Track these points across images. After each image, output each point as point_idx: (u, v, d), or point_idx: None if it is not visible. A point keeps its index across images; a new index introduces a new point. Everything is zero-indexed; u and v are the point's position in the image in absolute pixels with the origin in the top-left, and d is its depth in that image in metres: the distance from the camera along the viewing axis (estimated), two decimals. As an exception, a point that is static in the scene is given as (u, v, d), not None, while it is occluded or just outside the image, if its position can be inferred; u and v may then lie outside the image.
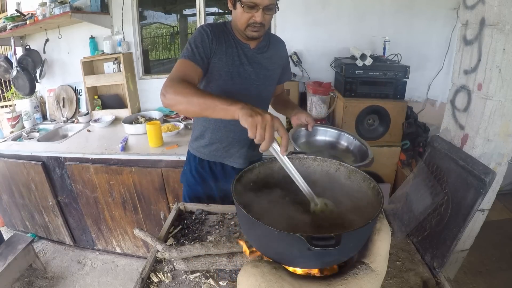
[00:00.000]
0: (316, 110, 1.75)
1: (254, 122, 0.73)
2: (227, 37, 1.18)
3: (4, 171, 2.20)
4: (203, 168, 1.38)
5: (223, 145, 1.33)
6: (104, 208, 2.14)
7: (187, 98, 0.88)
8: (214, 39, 1.13)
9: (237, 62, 1.19)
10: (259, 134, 0.73)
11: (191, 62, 1.06)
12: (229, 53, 1.17)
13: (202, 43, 1.10)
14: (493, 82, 1.02)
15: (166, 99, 0.93)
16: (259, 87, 1.28)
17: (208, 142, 1.34)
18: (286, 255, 0.68)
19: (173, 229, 1.10)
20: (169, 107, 0.95)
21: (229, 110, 0.80)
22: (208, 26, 1.15)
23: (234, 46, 1.19)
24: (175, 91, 0.91)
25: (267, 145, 0.74)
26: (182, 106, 0.91)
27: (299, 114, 1.30)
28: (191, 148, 1.41)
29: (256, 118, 0.74)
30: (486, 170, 0.92)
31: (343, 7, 2.30)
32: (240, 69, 1.20)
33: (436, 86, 2.39)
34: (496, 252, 2.07)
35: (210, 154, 1.36)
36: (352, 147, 1.25)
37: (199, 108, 0.86)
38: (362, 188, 0.83)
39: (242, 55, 1.20)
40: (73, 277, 2.19)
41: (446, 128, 1.27)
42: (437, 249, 0.95)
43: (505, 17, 0.96)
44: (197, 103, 0.86)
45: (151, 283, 0.87)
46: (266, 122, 0.73)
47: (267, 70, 1.27)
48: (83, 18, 2.29)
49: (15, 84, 2.54)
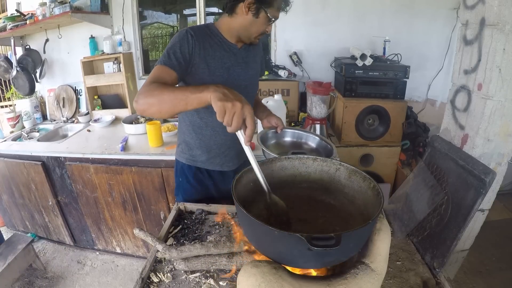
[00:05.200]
0: (316, 110, 1.75)
1: (223, 106, 0.73)
2: (213, 40, 1.15)
3: (4, 171, 2.20)
4: (202, 174, 1.35)
5: (222, 150, 1.31)
6: (104, 208, 2.14)
7: (158, 98, 0.85)
8: (197, 43, 1.09)
9: (228, 64, 1.18)
10: (226, 120, 0.74)
11: (165, 67, 1.02)
12: (217, 56, 1.15)
13: (180, 48, 1.06)
14: (493, 82, 1.02)
15: (138, 105, 0.89)
16: (248, 87, 1.29)
17: (206, 150, 1.30)
18: (286, 255, 0.68)
19: (173, 229, 1.10)
20: (143, 112, 0.92)
21: (202, 97, 0.78)
22: (190, 30, 1.10)
23: (222, 48, 1.17)
24: (146, 95, 0.88)
25: (232, 131, 0.75)
26: (154, 108, 0.87)
27: (270, 117, 1.34)
28: (184, 158, 1.34)
29: (226, 103, 0.73)
30: (486, 170, 0.92)
31: (343, 7, 2.30)
32: (231, 71, 1.20)
33: (436, 86, 2.39)
34: (496, 252, 2.06)
35: (208, 162, 1.33)
36: (318, 146, 1.31)
37: (171, 104, 0.83)
38: (362, 188, 0.83)
39: (232, 56, 1.19)
40: (73, 277, 2.19)
41: (446, 128, 1.27)
42: (437, 249, 0.95)
43: (505, 17, 0.96)
44: (168, 99, 0.83)
45: (151, 283, 0.87)
46: (236, 109, 0.73)
47: (252, 68, 1.28)
48: (83, 18, 2.29)
49: (15, 84, 2.53)
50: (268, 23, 1.12)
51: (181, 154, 1.35)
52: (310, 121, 1.82)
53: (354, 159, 2.11)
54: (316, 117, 1.78)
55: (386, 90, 2.00)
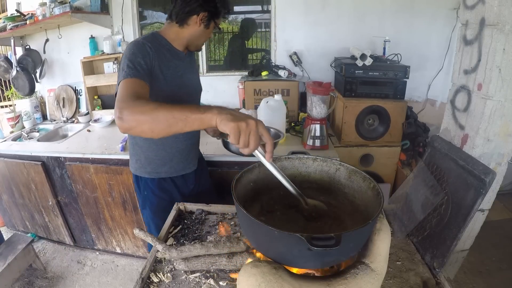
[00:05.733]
0: (316, 110, 1.75)
1: (237, 128, 0.66)
2: (164, 49, 1.18)
3: (4, 171, 2.20)
4: (166, 183, 1.36)
5: (184, 154, 1.35)
6: (104, 208, 2.14)
7: (151, 116, 0.75)
8: (155, 55, 1.10)
9: (180, 72, 1.22)
10: (243, 141, 0.67)
11: (137, 80, 0.96)
12: (171, 66, 1.18)
13: (144, 59, 1.04)
14: (493, 82, 1.02)
15: (124, 122, 0.78)
16: (197, 89, 1.36)
17: (169, 159, 1.32)
18: (286, 255, 0.68)
19: (173, 229, 1.10)
20: (129, 131, 0.79)
21: (205, 119, 0.70)
22: (146, 42, 1.10)
23: (173, 57, 1.21)
24: (134, 111, 0.78)
25: (251, 151, 0.69)
26: (146, 126, 0.76)
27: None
28: (146, 172, 1.33)
29: (240, 123, 0.66)
30: (486, 170, 0.92)
31: (343, 7, 2.30)
32: (184, 78, 1.24)
33: (436, 86, 2.39)
34: (496, 252, 2.06)
35: (171, 170, 1.34)
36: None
37: (167, 124, 0.74)
38: (362, 188, 0.83)
39: (182, 64, 1.24)
40: (73, 277, 2.19)
41: (446, 128, 1.27)
42: (437, 249, 0.95)
43: (505, 17, 0.96)
44: (164, 118, 0.73)
45: (151, 283, 0.87)
46: (251, 129, 0.67)
47: (196, 71, 1.37)
48: (83, 18, 2.29)
49: (15, 84, 2.53)
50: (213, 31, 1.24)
51: (142, 169, 1.34)
52: (310, 121, 1.82)
53: (354, 159, 2.11)
54: (316, 117, 1.78)
55: (386, 90, 2.00)
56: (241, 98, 2.41)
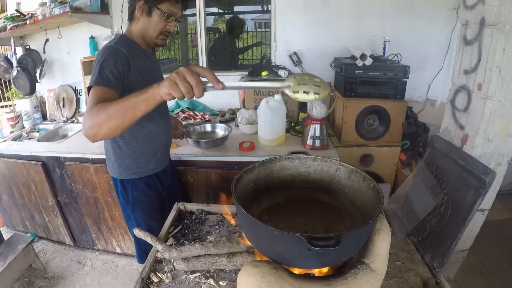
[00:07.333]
0: (316, 110, 1.75)
1: (171, 80, 0.69)
2: (135, 50, 1.18)
3: (4, 171, 2.20)
4: (152, 179, 1.38)
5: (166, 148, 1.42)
6: (104, 208, 2.14)
7: (104, 115, 0.79)
8: (130, 59, 1.11)
9: (152, 70, 1.24)
10: (183, 87, 0.68)
11: (104, 88, 0.99)
12: (145, 66, 1.19)
13: (115, 66, 1.05)
14: (493, 82, 1.02)
15: (87, 131, 0.82)
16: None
17: (153, 155, 1.34)
18: (286, 255, 0.68)
19: (173, 229, 1.10)
20: (95, 137, 0.83)
21: (149, 97, 0.74)
22: (119, 47, 1.10)
23: (143, 57, 1.21)
24: (91, 117, 0.82)
25: (199, 91, 0.69)
26: (105, 126, 0.80)
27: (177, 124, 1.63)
28: (133, 174, 1.33)
29: (171, 76, 0.69)
30: (486, 170, 0.92)
31: (343, 7, 2.30)
32: (154, 74, 1.26)
33: (436, 86, 2.39)
34: (496, 252, 2.06)
35: (155, 166, 1.37)
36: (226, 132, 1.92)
37: (120, 115, 0.77)
38: (362, 188, 0.83)
39: (150, 61, 1.25)
40: (73, 277, 2.19)
41: (446, 128, 1.27)
42: (437, 249, 0.95)
43: (505, 17, 0.96)
44: (115, 112, 0.78)
45: (151, 283, 0.87)
46: (183, 72, 0.69)
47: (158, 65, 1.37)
48: (83, 18, 2.29)
49: (15, 84, 2.53)
50: (167, 20, 1.17)
51: (127, 171, 1.33)
52: (310, 121, 1.82)
53: (354, 159, 2.11)
54: (316, 117, 1.78)
55: (386, 90, 2.00)
56: (241, 98, 2.41)
